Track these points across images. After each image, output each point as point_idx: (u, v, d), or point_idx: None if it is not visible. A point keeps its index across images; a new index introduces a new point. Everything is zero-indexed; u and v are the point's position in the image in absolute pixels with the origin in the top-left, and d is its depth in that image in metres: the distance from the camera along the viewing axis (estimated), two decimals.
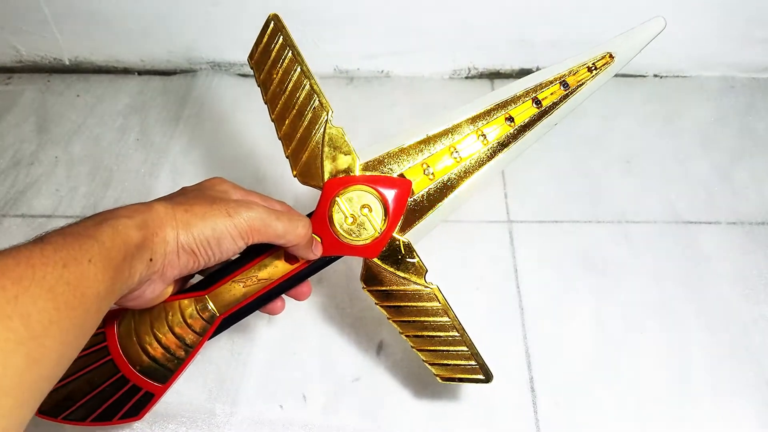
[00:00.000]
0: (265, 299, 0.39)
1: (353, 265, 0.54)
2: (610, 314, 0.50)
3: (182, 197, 0.34)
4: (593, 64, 0.41)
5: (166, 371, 0.37)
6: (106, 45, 0.69)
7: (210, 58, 0.70)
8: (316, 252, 0.38)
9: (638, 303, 0.51)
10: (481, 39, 0.66)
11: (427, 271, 0.39)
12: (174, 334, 0.37)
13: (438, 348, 0.40)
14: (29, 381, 0.23)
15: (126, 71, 0.72)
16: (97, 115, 0.68)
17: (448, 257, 0.54)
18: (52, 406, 0.36)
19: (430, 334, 0.40)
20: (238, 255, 0.37)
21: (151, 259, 0.30)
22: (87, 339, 0.27)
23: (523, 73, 0.69)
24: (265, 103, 0.40)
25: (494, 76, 0.70)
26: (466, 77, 0.71)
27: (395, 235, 0.39)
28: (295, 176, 0.39)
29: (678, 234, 0.55)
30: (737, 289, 0.51)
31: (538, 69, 0.68)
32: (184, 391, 0.47)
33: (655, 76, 0.69)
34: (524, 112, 0.41)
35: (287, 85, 0.39)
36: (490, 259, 0.54)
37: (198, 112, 0.67)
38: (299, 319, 0.51)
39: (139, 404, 0.37)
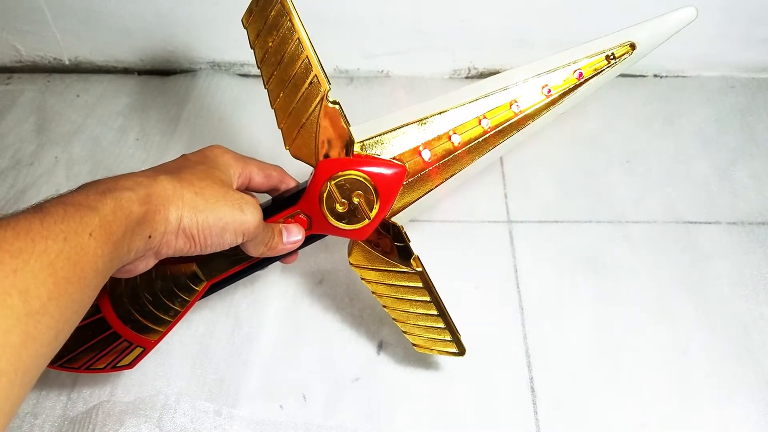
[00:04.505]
0: (252, 268, 0.40)
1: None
2: (610, 314, 0.50)
3: (190, 174, 0.33)
4: (612, 53, 0.38)
5: (156, 329, 0.39)
6: (106, 45, 0.69)
7: (210, 58, 0.70)
8: (275, 246, 0.37)
9: (638, 303, 0.51)
10: (481, 39, 0.66)
11: (414, 254, 0.38)
12: (163, 297, 0.38)
13: (417, 322, 0.41)
14: (26, 360, 0.22)
15: (126, 71, 0.72)
16: (97, 115, 0.67)
17: (448, 257, 0.54)
18: None
19: (412, 309, 0.41)
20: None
21: (150, 236, 0.29)
22: (82, 315, 0.26)
23: None
24: (259, 68, 0.38)
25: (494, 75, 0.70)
26: (466, 77, 0.71)
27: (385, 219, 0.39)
28: (287, 149, 0.38)
29: (678, 234, 0.55)
30: (737, 289, 0.51)
31: None
32: (184, 391, 0.47)
33: (655, 76, 0.69)
34: (531, 99, 0.39)
35: (283, 56, 0.36)
36: (490, 259, 0.54)
37: (198, 112, 0.67)
38: (299, 319, 0.51)
39: (131, 357, 0.40)
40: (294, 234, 0.38)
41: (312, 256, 0.54)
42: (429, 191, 0.40)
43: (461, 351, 0.42)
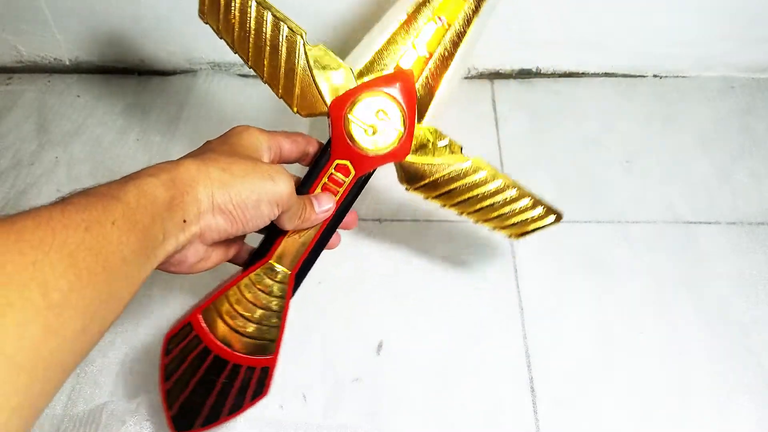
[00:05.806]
0: (323, 241, 0.39)
1: (352, 262, 0.54)
2: (610, 314, 0.50)
3: (214, 154, 0.32)
4: None
5: (269, 342, 0.38)
6: (106, 45, 0.69)
7: (210, 58, 0.70)
8: (310, 217, 0.37)
9: (638, 303, 0.51)
10: (481, 39, 0.66)
11: (461, 146, 0.38)
12: (259, 307, 0.37)
13: (502, 211, 0.40)
14: (47, 354, 0.21)
15: (126, 71, 0.72)
16: (97, 115, 0.68)
17: (448, 257, 0.54)
18: (185, 421, 0.37)
19: (490, 202, 0.39)
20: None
21: (185, 221, 0.29)
22: (119, 307, 0.25)
23: (523, 73, 0.69)
24: (235, 52, 0.37)
25: (494, 76, 0.70)
26: (466, 77, 0.71)
27: (416, 126, 0.38)
28: (296, 113, 0.38)
29: (678, 234, 0.55)
30: (737, 289, 0.51)
31: (538, 69, 0.68)
32: None
33: (655, 76, 0.69)
34: None
35: (249, 26, 0.36)
36: (490, 259, 0.54)
37: (198, 112, 0.67)
38: (299, 319, 0.51)
39: (261, 381, 0.38)
40: (324, 203, 0.37)
41: None
42: (441, 83, 0.39)
43: (558, 216, 0.40)
